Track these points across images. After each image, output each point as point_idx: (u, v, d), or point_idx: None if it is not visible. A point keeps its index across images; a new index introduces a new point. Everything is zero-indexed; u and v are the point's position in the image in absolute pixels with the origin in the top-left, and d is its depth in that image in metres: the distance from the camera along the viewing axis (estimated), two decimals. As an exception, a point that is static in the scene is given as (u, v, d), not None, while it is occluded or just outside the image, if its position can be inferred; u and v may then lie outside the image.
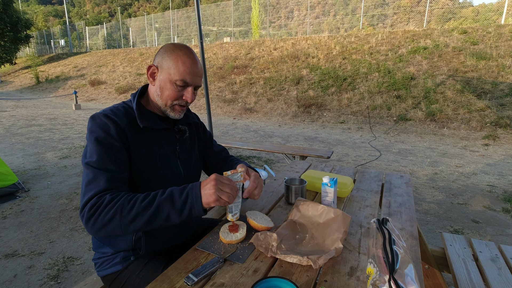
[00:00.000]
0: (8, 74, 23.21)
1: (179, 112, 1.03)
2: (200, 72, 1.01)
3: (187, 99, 1.00)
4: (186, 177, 1.10)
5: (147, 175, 0.99)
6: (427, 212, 2.94)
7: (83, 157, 0.92)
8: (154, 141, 1.03)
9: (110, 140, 0.92)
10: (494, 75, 7.24)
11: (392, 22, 15.01)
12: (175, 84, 0.98)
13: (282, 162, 4.56)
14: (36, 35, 28.92)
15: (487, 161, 4.62)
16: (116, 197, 0.85)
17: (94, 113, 0.96)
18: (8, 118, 8.46)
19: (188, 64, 0.97)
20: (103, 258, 1.04)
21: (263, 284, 0.72)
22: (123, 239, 1.01)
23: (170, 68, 0.97)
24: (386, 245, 0.73)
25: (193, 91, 1.02)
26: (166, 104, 1.01)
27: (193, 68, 0.98)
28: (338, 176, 1.43)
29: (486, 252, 1.48)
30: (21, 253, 2.26)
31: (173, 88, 0.98)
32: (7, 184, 3.25)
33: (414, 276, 0.65)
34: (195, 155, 1.18)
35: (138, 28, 24.12)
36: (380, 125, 7.15)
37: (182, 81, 0.97)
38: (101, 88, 14.57)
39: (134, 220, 0.82)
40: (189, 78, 0.98)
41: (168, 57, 0.98)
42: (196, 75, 1.00)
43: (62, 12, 63.37)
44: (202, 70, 1.03)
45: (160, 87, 1.00)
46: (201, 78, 1.03)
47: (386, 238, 0.75)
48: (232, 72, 11.52)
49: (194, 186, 0.87)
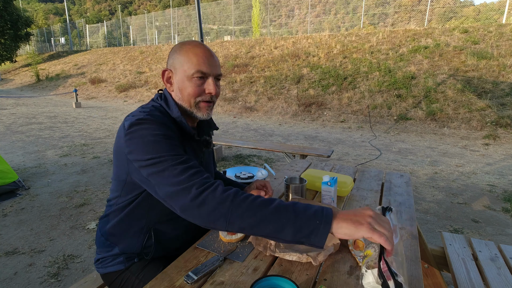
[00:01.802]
0: (8, 72, 23.19)
1: (206, 110, 0.95)
2: (215, 61, 0.93)
3: (210, 91, 0.92)
4: None
5: None
6: (427, 211, 2.94)
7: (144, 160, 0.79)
8: (187, 149, 0.96)
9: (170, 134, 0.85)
10: (495, 74, 7.23)
11: (393, 21, 14.98)
12: (193, 79, 0.91)
13: (282, 161, 4.56)
14: (36, 33, 28.88)
15: (487, 160, 4.62)
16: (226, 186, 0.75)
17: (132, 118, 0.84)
18: (8, 116, 8.46)
19: (200, 54, 0.91)
20: (106, 256, 1.04)
21: (262, 283, 0.72)
22: (132, 242, 0.99)
23: (183, 64, 0.91)
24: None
25: (215, 81, 0.93)
26: (190, 104, 0.93)
27: (207, 57, 0.91)
28: (338, 175, 1.43)
29: (485, 251, 1.48)
30: (21, 250, 2.26)
31: (192, 84, 0.91)
32: (7, 182, 3.25)
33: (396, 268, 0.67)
34: (212, 166, 1.18)
35: (139, 26, 24.08)
36: (380, 124, 7.15)
37: (198, 72, 0.90)
38: (102, 86, 14.56)
39: (244, 214, 0.70)
40: (205, 68, 0.90)
41: (178, 55, 0.93)
42: (212, 64, 0.92)
43: (63, 10, 63.24)
44: (217, 60, 0.95)
45: (179, 88, 0.93)
46: (219, 67, 0.95)
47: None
48: (232, 70, 11.51)
49: (326, 209, 0.71)
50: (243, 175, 1.99)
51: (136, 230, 0.98)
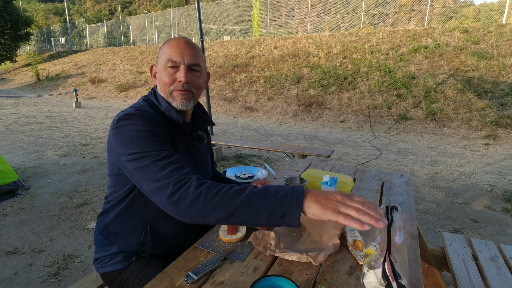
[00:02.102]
0: (9, 72, 23.19)
1: (181, 100, 0.96)
2: (189, 51, 0.95)
3: (180, 79, 0.94)
4: None
5: None
6: (427, 211, 2.94)
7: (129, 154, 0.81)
8: (178, 143, 0.98)
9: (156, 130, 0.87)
10: (495, 74, 7.23)
11: (393, 21, 14.98)
12: (167, 68, 0.95)
13: (282, 161, 4.56)
14: (36, 33, 28.88)
15: (487, 160, 4.62)
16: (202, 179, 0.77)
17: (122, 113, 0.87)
18: (8, 116, 8.46)
19: (174, 44, 0.95)
20: (105, 255, 1.04)
21: (262, 283, 0.73)
22: (129, 239, 1.00)
23: (160, 56, 0.97)
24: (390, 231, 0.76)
25: (187, 70, 0.95)
26: (167, 94, 0.96)
27: (179, 46, 0.94)
28: (338, 175, 1.43)
29: (485, 251, 1.48)
30: (21, 250, 2.26)
31: (165, 73, 0.95)
32: (7, 182, 3.25)
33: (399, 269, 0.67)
34: (208, 161, 1.18)
35: (139, 26, 24.08)
36: (380, 124, 7.15)
37: (170, 62, 0.93)
38: (102, 86, 14.56)
39: (217, 207, 0.72)
40: (175, 56, 0.93)
41: (160, 50, 0.98)
42: (185, 53, 0.94)
43: (63, 10, 63.25)
44: (195, 49, 0.97)
45: (158, 80, 0.98)
46: (195, 57, 0.96)
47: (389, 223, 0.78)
48: (232, 70, 11.51)
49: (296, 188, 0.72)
50: (243, 175, 1.98)
51: (132, 227, 0.99)
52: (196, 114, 1.13)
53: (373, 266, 0.71)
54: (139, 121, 0.85)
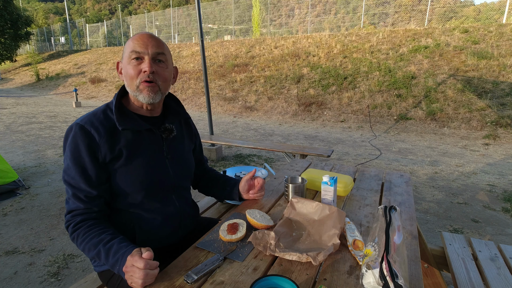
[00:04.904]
0: (9, 71, 23.18)
1: (147, 92, 0.95)
2: (153, 41, 0.95)
3: (145, 69, 0.94)
4: (176, 176, 1.09)
5: (136, 177, 0.98)
6: (427, 211, 2.94)
7: (63, 171, 0.95)
8: (138, 143, 1.00)
9: (82, 160, 0.92)
10: (495, 74, 7.22)
11: (393, 21, 14.97)
12: (131, 61, 0.95)
13: (282, 161, 4.56)
14: (37, 32, 28.87)
15: (487, 160, 4.62)
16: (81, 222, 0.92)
17: (73, 123, 0.95)
18: (8, 116, 8.46)
19: (137, 37, 0.96)
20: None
21: (262, 283, 0.73)
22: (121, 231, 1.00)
23: (125, 51, 0.98)
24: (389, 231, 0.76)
25: (152, 61, 0.95)
26: (134, 88, 0.96)
27: (143, 39, 0.95)
28: (338, 175, 1.43)
29: (485, 251, 1.48)
30: (21, 250, 2.26)
31: (130, 66, 0.95)
32: (7, 182, 3.25)
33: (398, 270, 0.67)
34: (185, 154, 1.15)
35: (139, 25, 24.08)
36: (380, 124, 7.15)
37: (134, 53, 0.94)
38: (102, 85, 14.55)
39: (83, 250, 0.91)
40: (139, 47, 0.94)
41: (125, 46, 0.99)
42: (148, 43, 0.94)
43: (63, 10, 63.24)
44: (159, 41, 0.98)
45: (124, 75, 0.98)
46: (159, 47, 0.97)
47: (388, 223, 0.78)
48: (232, 70, 11.50)
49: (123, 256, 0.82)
50: (243, 175, 1.98)
51: (122, 222, 1.01)
52: (168, 107, 1.12)
53: (371, 266, 0.71)
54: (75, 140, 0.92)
